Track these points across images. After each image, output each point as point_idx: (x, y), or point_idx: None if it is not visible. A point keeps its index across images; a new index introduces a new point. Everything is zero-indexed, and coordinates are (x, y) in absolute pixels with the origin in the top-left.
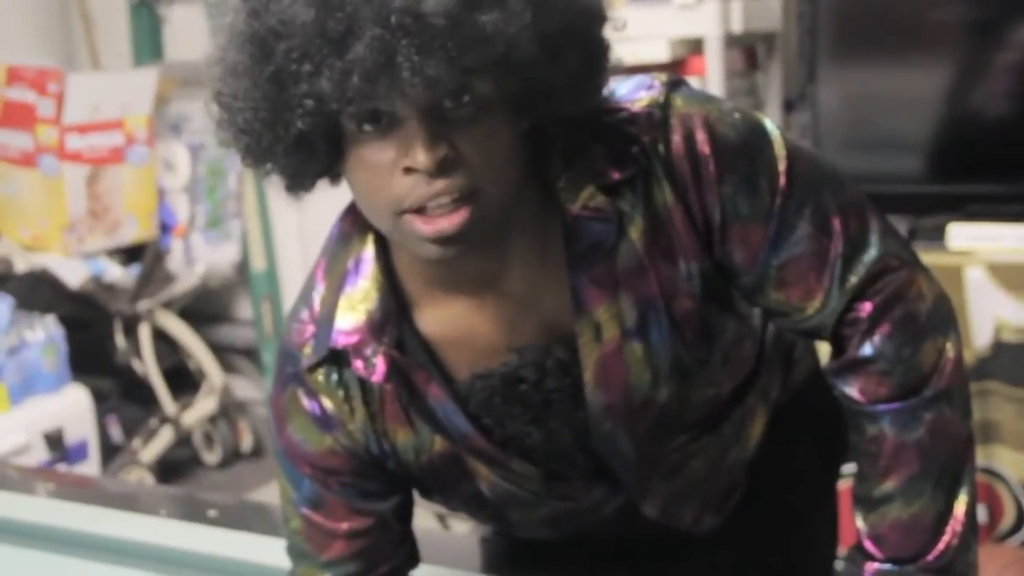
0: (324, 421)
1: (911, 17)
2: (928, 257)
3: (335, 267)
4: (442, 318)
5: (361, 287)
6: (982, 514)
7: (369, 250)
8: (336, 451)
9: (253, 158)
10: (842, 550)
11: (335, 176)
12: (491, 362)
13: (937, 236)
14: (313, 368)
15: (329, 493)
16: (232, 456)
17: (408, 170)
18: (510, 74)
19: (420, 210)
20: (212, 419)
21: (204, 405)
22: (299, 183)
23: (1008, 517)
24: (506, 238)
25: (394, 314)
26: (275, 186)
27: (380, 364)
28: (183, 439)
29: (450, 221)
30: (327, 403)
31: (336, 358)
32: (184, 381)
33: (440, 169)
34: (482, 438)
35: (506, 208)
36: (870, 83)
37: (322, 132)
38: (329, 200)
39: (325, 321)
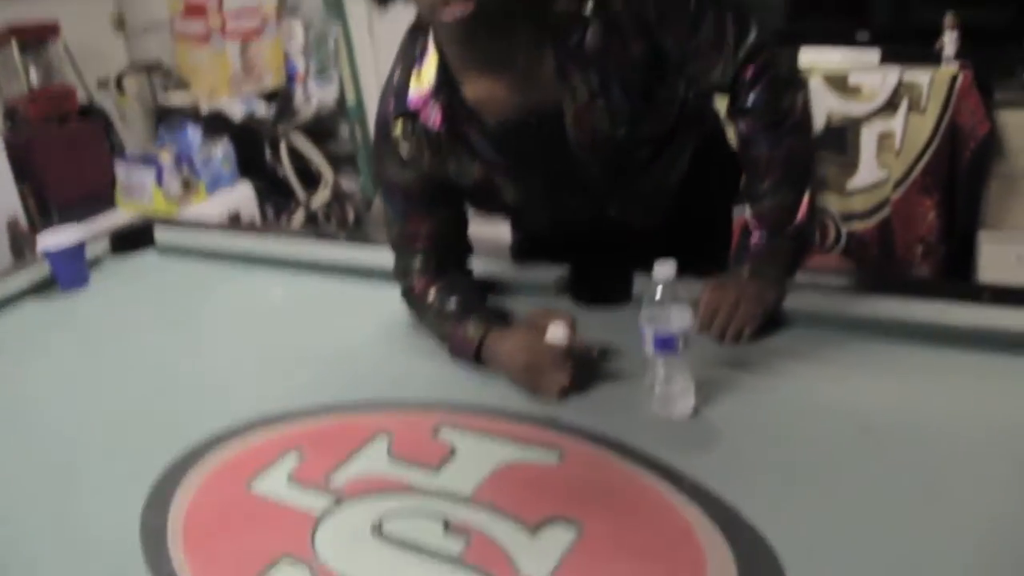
0: (405, 163)
1: None
2: None
3: (405, 60)
4: (476, 89)
5: (425, 70)
6: (815, 237)
7: (430, 45)
8: (414, 181)
9: None
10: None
11: None
12: (510, 116)
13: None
14: (395, 120)
15: (412, 207)
16: (342, 226)
17: None
18: None
19: (445, 2)
20: (329, 203)
21: (323, 194)
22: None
23: (831, 236)
24: (511, 32)
25: (446, 85)
26: (359, 32)
27: (437, 115)
28: (311, 216)
29: (463, 5)
30: (405, 150)
31: (410, 116)
32: (309, 179)
33: None
34: (505, 163)
35: (501, 7)
36: None
37: None
38: (392, 60)
39: (402, 92)
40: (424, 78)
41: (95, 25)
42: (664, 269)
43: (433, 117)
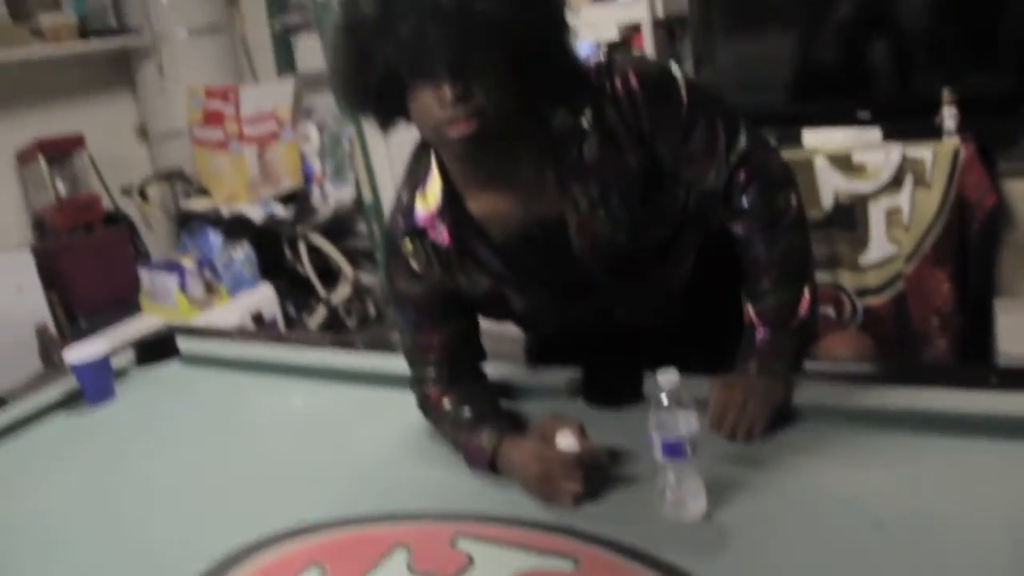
0: (416, 277)
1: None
2: (789, 153)
3: (411, 179)
4: (481, 204)
5: (430, 189)
6: (831, 312)
7: (434, 165)
8: (425, 293)
9: (355, 109)
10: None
11: (407, 117)
12: (515, 229)
13: (796, 138)
14: (404, 238)
15: (424, 319)
16: (363, 321)
17: (442, 103)
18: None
19: (450, 123)
20: (349, 299)
21: (343, 290)
22: (384, 123)
23: (847, 312)
24: (512, 149)
25: (451, 203)
26: (372, 132)
27: (444, 233)
28: (332, 313)
29: (467, 125)
30: (416, 266)
31: (418, 234)
32: (329, 276)
33: (459, 99)
34: (512, 276)
35: (503, 125)
36: (749, 46)
37: (391, 86)
38: (407, 156)
39: (408, 211)
40: (430, 197)
41: (119, 135)
42: (668, 377)
43: (441, 235)
